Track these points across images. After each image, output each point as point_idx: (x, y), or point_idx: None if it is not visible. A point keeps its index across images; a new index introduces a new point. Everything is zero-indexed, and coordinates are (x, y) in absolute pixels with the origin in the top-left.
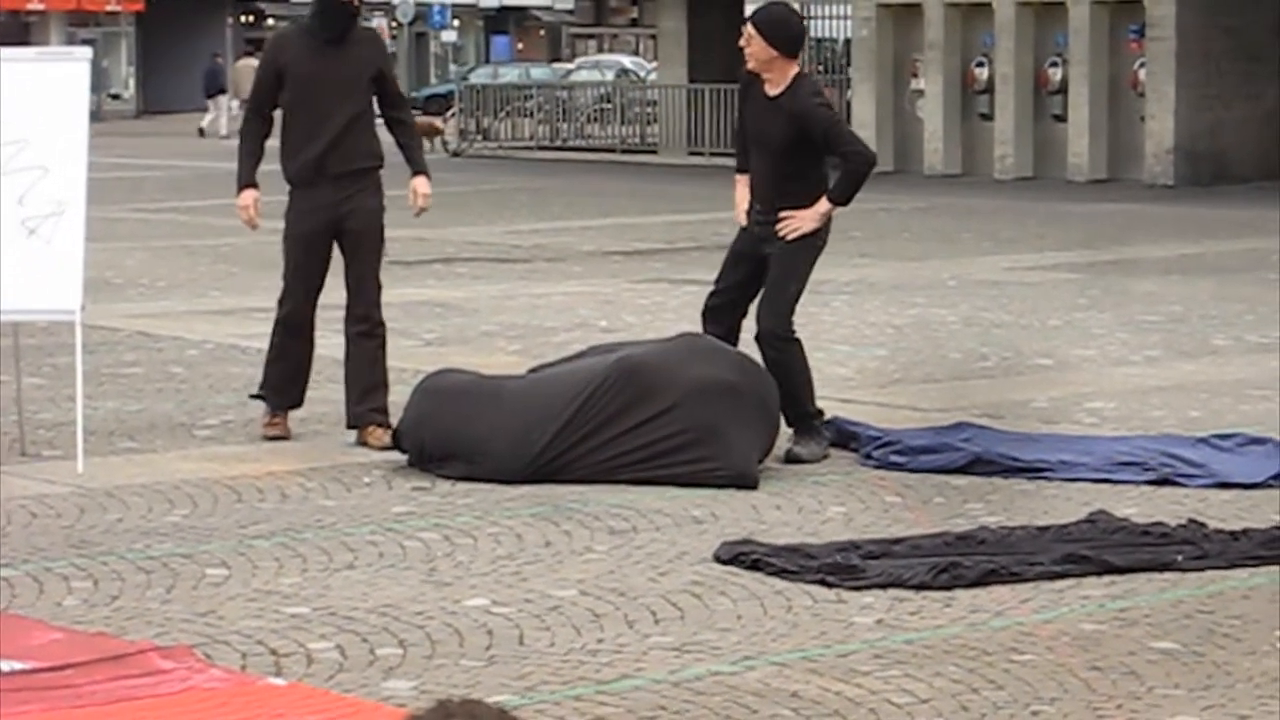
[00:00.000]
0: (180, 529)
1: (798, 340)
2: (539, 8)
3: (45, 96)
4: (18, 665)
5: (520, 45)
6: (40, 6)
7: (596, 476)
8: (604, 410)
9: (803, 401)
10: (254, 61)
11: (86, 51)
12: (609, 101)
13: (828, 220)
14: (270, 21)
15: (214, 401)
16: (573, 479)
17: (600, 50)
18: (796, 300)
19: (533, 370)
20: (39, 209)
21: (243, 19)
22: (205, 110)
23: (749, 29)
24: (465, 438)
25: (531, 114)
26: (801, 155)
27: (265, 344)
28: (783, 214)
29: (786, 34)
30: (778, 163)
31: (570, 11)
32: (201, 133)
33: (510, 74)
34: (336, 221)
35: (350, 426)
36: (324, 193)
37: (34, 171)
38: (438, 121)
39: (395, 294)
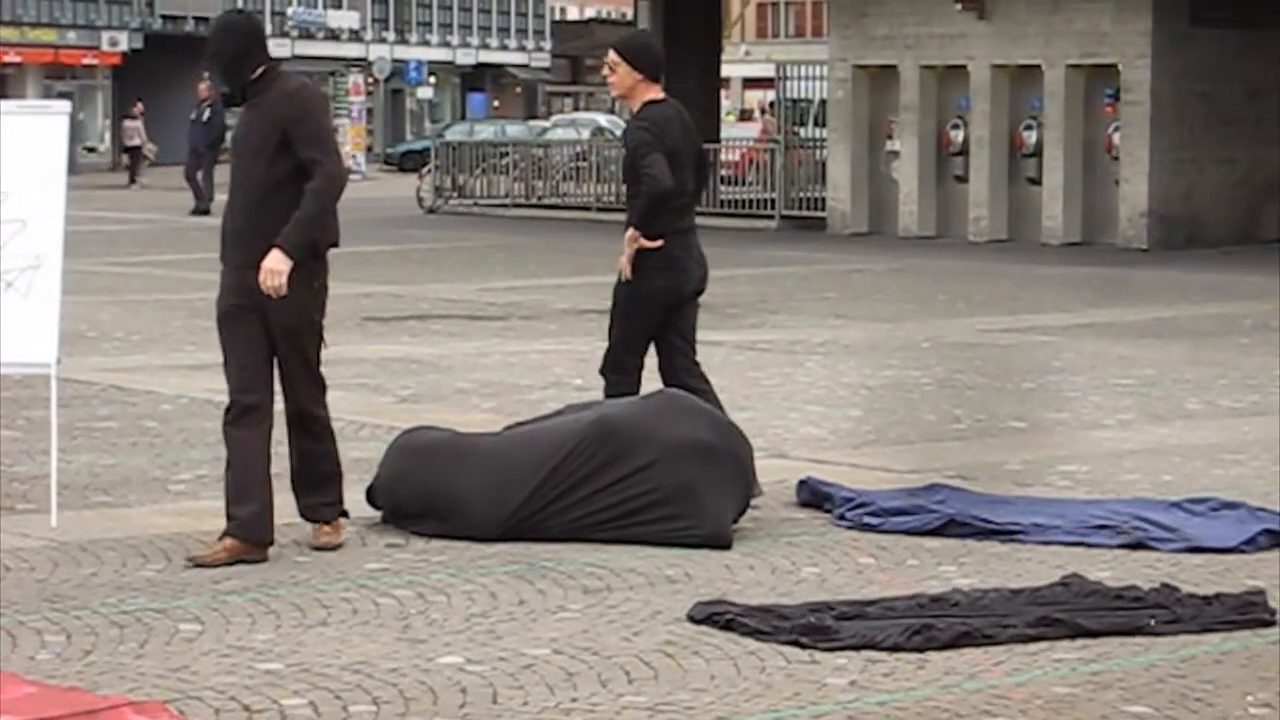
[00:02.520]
0: (154, 584)
1: (621, 387)
2: (515, 65)
3: (24, 149)
4: None
5: (496, 103)
6: (17, 59)
7: (571, 535)
8: (580, 468)
9: None
10: None
11: (65, 105)
12: (584, 159)
13: (673, 264)
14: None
15: (188, 456)
16: (548, 537)
17: (576, 108)
18: (619, 348)
19: (508, 428)
20: (16, 262)
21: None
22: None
23: (612, 56)
24: (440, 495)
25: (507, 171)
26: (634, 183)
27: None
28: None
29: (650, 59)
30: (628, 191)
31: (546, 69)
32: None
33: (486, 131)
34: (257, 307)
35: (302, 517)
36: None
37: (12, 224)
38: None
39: (370, 350)
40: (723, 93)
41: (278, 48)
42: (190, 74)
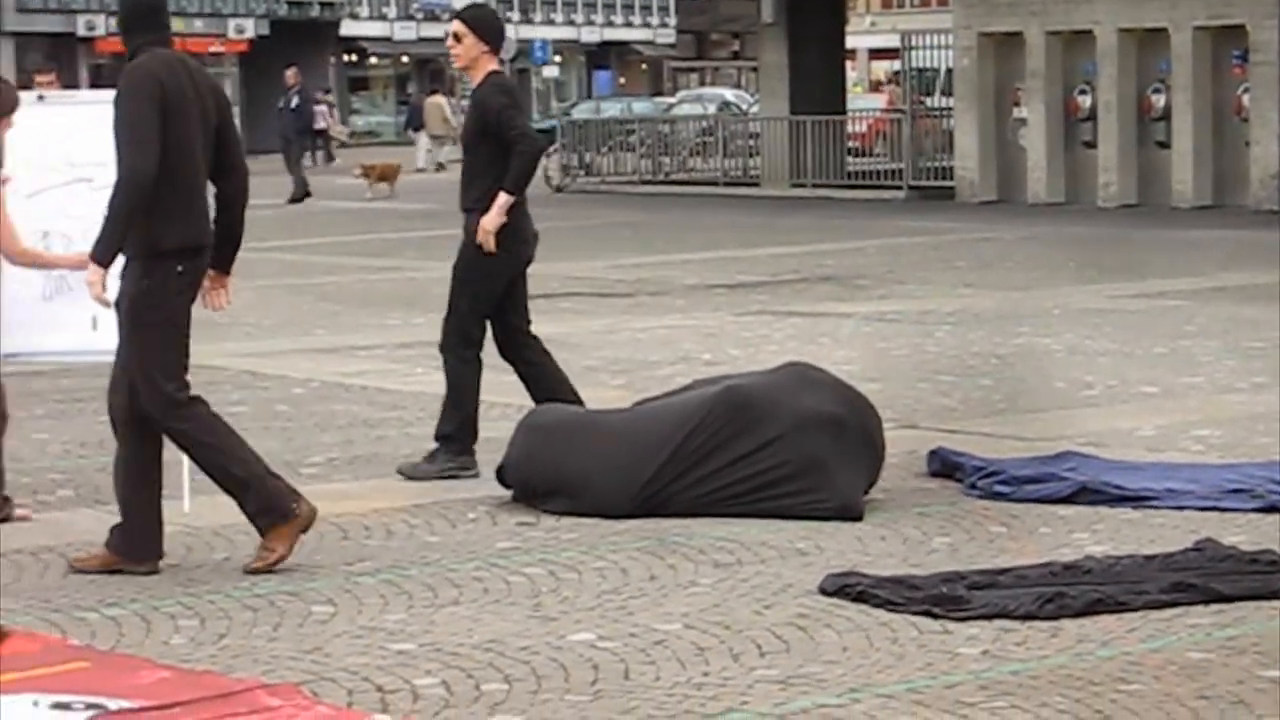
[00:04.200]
0: (286, 567)
1: (468, 360)
2: (640, 42)
3: None
4: (125, 704)
5: (622, 80)
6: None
7: (701, 509)
8: (709, 443)
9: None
10: (441, 99)
11: None
12: (711, 135)
13: (517, 234)
14: (373, 60)
15: (319, 440)
16: (678, 512)
17: (702, 83)
18: (469, 320)
19: (636, 404)
20: None
21: (346, 58)
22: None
23: (457, 26)
24: (569, 472)
25: (634, 148)
26: (482, 149)
27: (370, 382)
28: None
29: (496, 30)
30: (467, 161)
31: (672, 45)
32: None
33: (612, 109)
34: None
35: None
36: None
37: None
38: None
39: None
40: (848, 64)
41: (402, 30)
42: (317, 59)
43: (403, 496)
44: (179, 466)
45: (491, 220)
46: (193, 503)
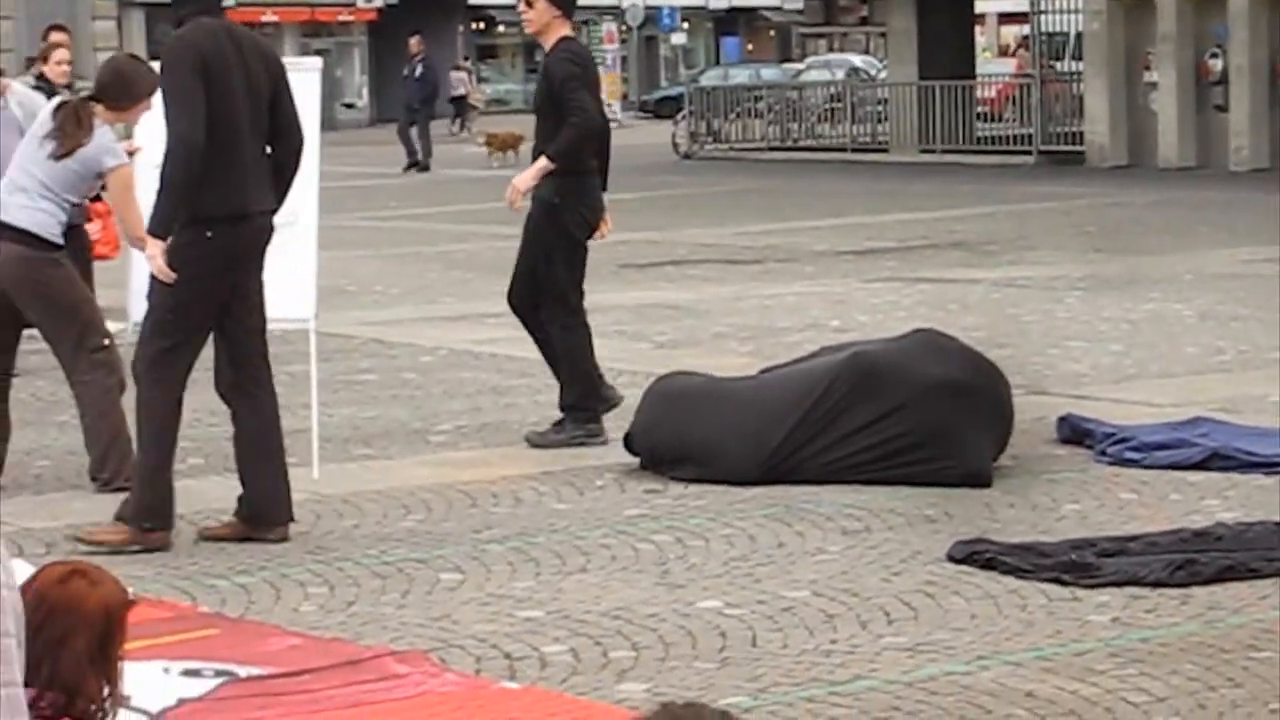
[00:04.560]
0: (415, 534)
1: (573, 327)
2: (768, 8)
3: None
4: (255, 671)
5: (750, 46)
6: (274, 18)
7: (829, 476)
8: (836, 409)
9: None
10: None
11: (316, 61)
12: (839, 101)
13: (577, 202)
14: (501, 29)
15: (447, 407)
16: (806, 479)
17: (830, 49)
18: (564, 284)
19: (764, 371)
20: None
21: (474, 26)
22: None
23: None
24: (697, 440)
25: (762, 115)
26: (550, 116)
27: (499, 350)
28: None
29: None
30: (537, 127)
31: (800, 11)
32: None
33: (740, 75)
34: None
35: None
36: None
37: None
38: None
39: (627, 296)
40: (977, 29)
41: None
42: (445, 28)
43: (531, 464)
44: (307, 434)
45: (524, 181)
46: (321, 470)
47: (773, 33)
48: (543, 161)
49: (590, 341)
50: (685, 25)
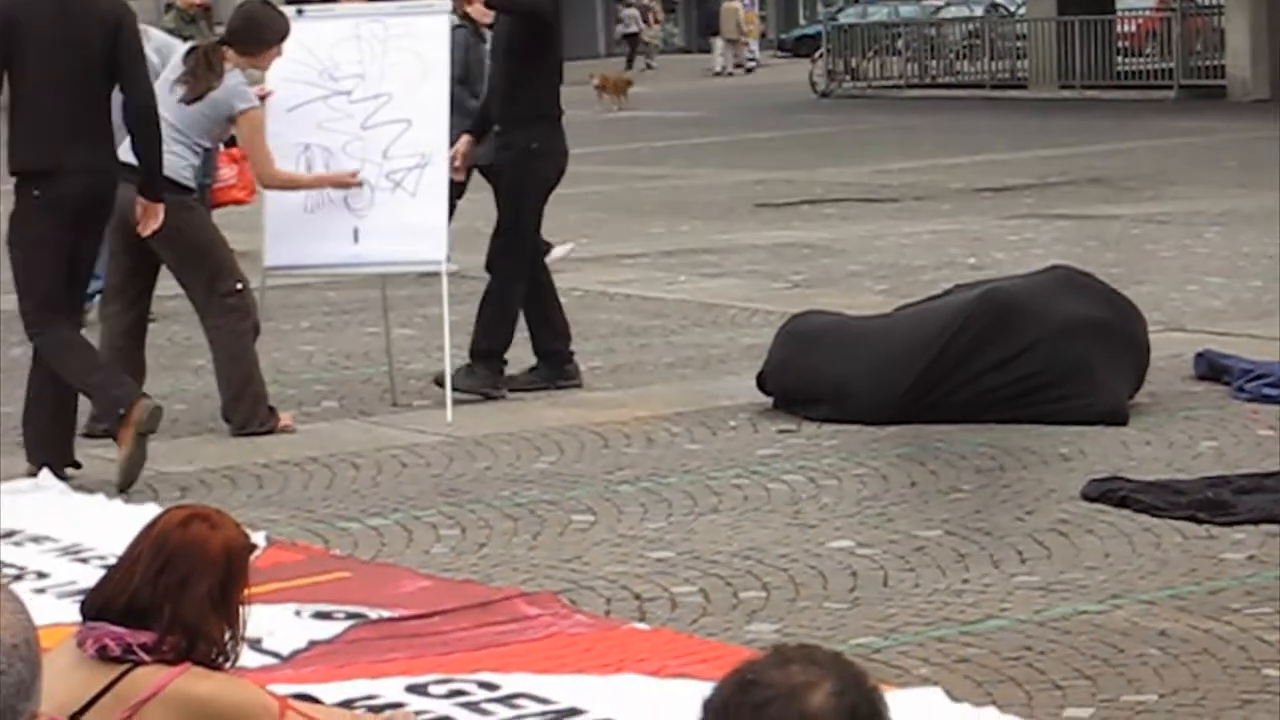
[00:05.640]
0: (547, 476)
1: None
2: None
3: (406, 49)
4: (386, 613)
5: None
6: None
7: (963, 415)
8: (970, 347)
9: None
10: (737, 4)
11: (446, 3)
12: (978, 37)
13: (553, 148)
14: None
15: (581, 348)
16: (939, 418)
17: None
18: (518, 228)
19: (898, 309)
20: (403, 162)
21: None
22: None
23: None
24: (830, 379)
25: (900, 52)
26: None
27: (634, 291)
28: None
29: None
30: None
31: None
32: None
33: (878, 13)
34: None
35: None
36: None
37: (397, 125)
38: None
39: (763, 236)
40: None
41: None
42: None
43: (664, 404)
44: (441, 376)
45: None
46: (454, 413)
47: None
48: None
49: (530, 297)
50: None
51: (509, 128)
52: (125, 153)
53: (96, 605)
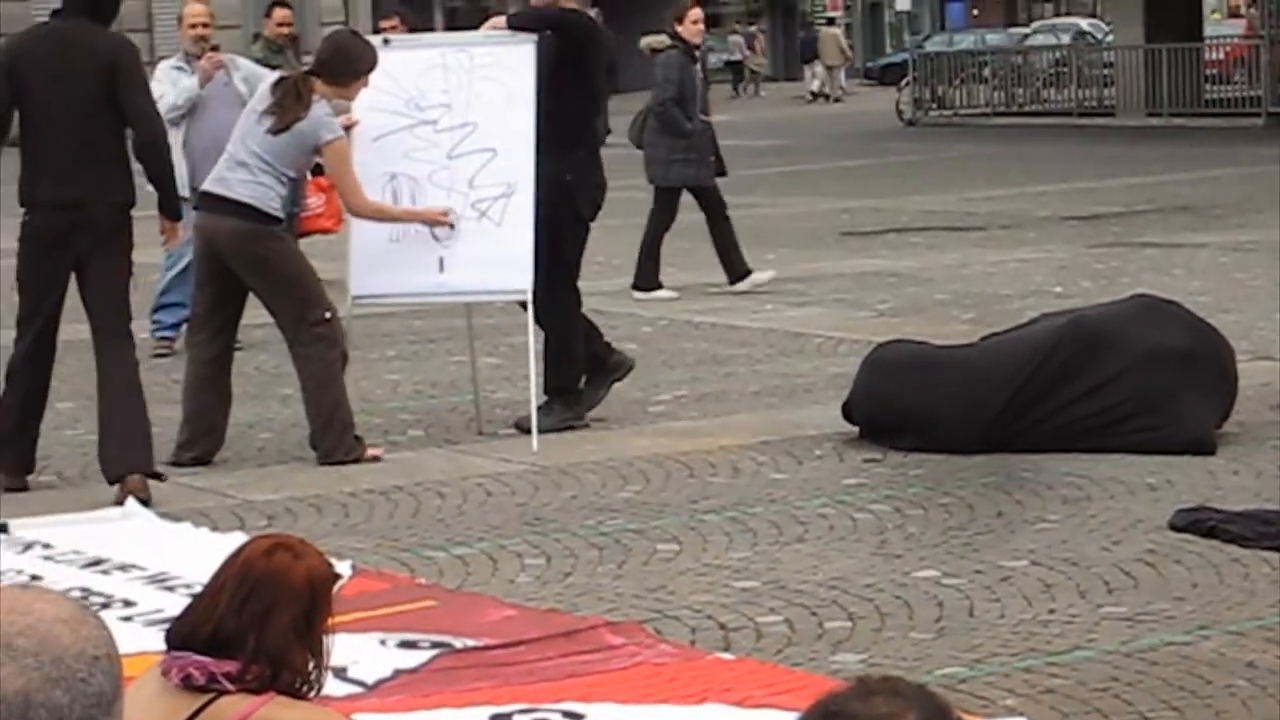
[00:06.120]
0: (632, 505)
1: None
2: None
3: (493, 79)
4: (471, 642)
5: (975, 11)
6: None
7: (1049, 444)
8: (1056, 377)
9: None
10: (836, 30)
11: (531, 34)
12: (1065, 65)
13: (587, 180)
14: None
15: (667, 378)
16: (1025, 447)
17: (1057, 13)
18: (559, 262)
19: (984, 338)
20: (488, 191)
21: None
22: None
23: None
24: (916, 408)
25: (986, 80)
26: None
27: (719, 320)
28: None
29: None
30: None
31: None
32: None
33: (965, 41)
34: None
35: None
36: None
37: (483, 154)
38: None
39: (848, 264)
40: None
41: None
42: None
43: (750, 433)
44: (526, 405)
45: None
46: (540, 441)
47: None
48: None
49: (584, 326)
50: None
51: (543, 157)
52: (211, 184)
53: (181, 634)
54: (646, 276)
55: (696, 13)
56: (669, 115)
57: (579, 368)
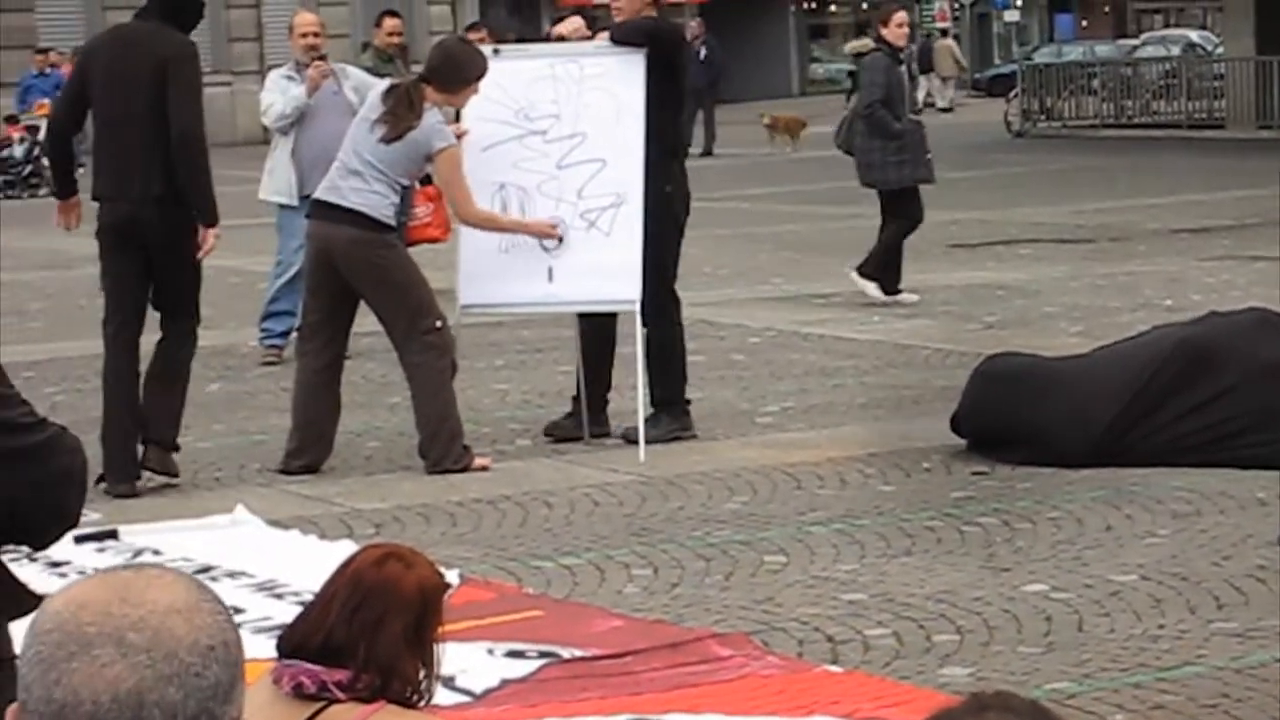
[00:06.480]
0: (739, 516)
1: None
2: None
3: (601, 89)
4: (578, 652)
5: (1084, 23)
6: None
7: (1159, 459)
8: (1166, 391)
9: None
10: (950, 42)
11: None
12: (1175, 77)
13: (682, 190)
14: (833, 8)
15: (775, 389)
16: (1134, 462)
17: (1166, 25)
18: (663, 272)
19: (1093, 351)
20: (597, 202)
21: (805, 5)
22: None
23: None
24: (1024, 421)
25: (1095, 92)
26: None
27: (827, 331)
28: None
29: None
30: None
31: None
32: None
33: (1074, 52)
34: None
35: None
36: None
37: (592, 165)
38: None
39: (956, 277)
40: None
41: None
42: (777, 8)
43: (857, 445)
44: (634, 416)
45: None
46: (647, 452)
47: (1107, 9)
48: None
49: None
50: (1019, 2)
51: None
52: (324, 192)
53: (292, 643)
54: (888, 281)
55: (901, 16)
56: (878, 117)
57: (684, 378)
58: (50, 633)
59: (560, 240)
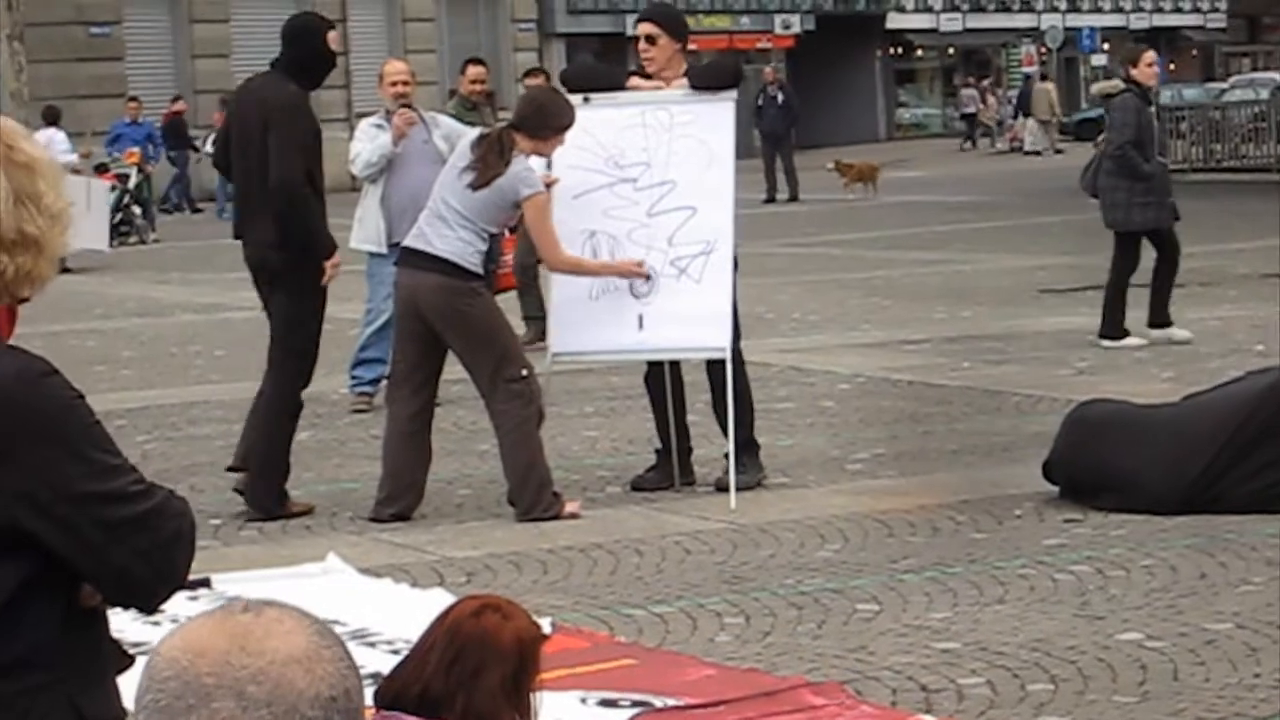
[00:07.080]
0: (831, 564)
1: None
2: (1191, 27)
3: (692, 136)
4: (672, 701)
5: (1172, 65)
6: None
7: (1253, 505)
8: (1259, 436)
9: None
10: (1050, 85)
11: (732, 91)
12: (1264, 120)
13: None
14: (919, 53)
15: (865, 435)
16: (1229, 508)
17: (1255, 68)
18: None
19: (1186, 398)
20: (688, 249)
21: (892, 51)
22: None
23: (648, 28)
24: (1117, 468)
25: (1184, 135)
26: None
27: (917, 377)
28: None
29: (683, 25)
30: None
31: (1223, 30)
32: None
33: (1162, 96)
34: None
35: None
36: None
37: (682, 212)
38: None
39: (1046, 323)
40: None
41: (948, 21)
42: (863, 53)
43: (949, 492)
44: (724, 463)
45: None
46: (738, 499)
47: (1195, 52)
48: None
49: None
50: (1106, 46)
51: None
52: (412, 240)
53: (390, 694)
54: (1113, 325)
55: (1150, 55)
56: (1127, 158)
57: (753, 419)
58: (168, 680)
59: (648, 277)
